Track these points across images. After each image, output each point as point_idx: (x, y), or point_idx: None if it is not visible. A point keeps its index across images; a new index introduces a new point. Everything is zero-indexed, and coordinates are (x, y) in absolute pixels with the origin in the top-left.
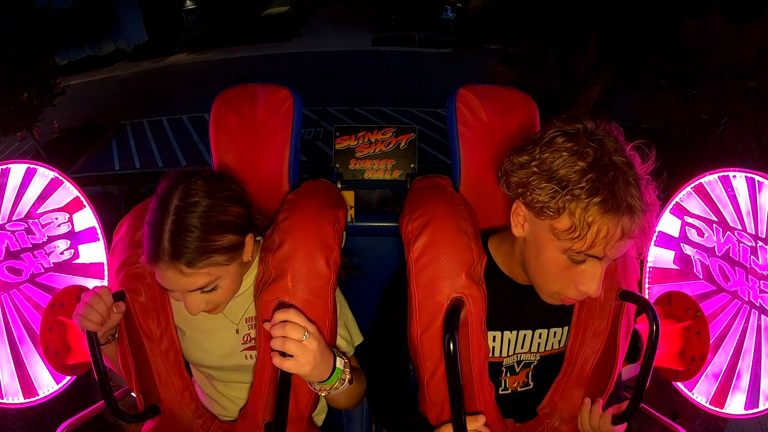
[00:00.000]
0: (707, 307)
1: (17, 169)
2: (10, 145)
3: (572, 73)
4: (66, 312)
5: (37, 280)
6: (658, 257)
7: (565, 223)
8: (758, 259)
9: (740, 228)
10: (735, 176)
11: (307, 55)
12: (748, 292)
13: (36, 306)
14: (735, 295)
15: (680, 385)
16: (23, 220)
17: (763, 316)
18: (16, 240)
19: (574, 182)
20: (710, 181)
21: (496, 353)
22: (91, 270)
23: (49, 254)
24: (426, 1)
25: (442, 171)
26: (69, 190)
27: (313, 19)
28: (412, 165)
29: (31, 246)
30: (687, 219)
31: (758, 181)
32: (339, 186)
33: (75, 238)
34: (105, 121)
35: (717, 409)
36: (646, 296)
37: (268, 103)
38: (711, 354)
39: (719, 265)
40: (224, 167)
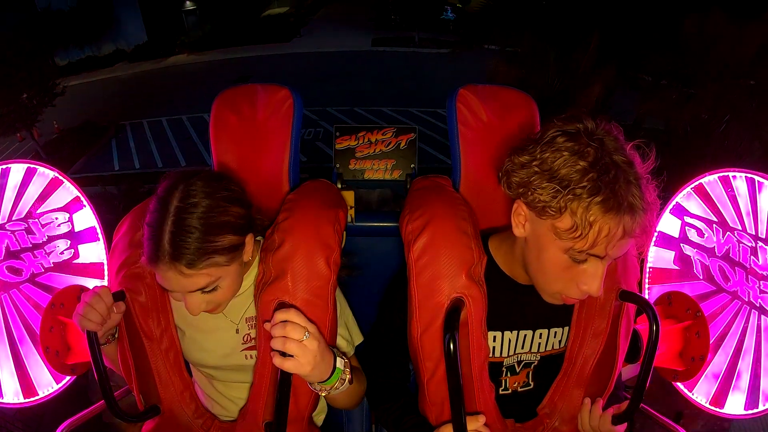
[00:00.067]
0: (707, 308)
1: (17, 169)
2: (9, 145)
3: (573, 71)
4: (66, 312)
5: (37, 279)
6: (658, 257)
7: (566, 223)
8: (758, 260)
9: (740, 228)
10: (735, 176)
11: (307, 55)
12: (748, 293)
13: (36, 306)
14: (735, 295)
15: (680, 385)
16: (23, 219)
17: (763, 317)
18: (16, 240)
19: (575, 182)
20: (710, 181)
21: (496, 353)
22: (91, 270)
23: (49, 254)
24: (426, 1)
25: (442, 171)
26: (69, 190)
27: (313, 19)
28: (412, 165)
29: (31, 246)
30: (687, 219)
31: (758, 182)
32: (339, 186)
33: (75, 237)
34: (105, 121)
35: (717, 409)
36: (646, 296)
37: (268, 103)
38: (711, 354)
39: (719, 266)
40: (224, 167)
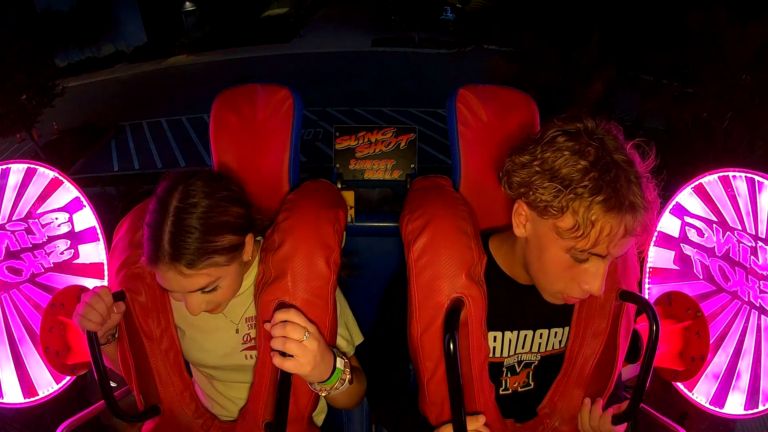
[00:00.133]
0: (707, 308)
1: (17, 169)
2: (9, 146)
3: (574, 69)
4: (66, 312)
5: (37, 280)
6: (658, 257)
7: (568, 222)
8: (758, 260)
9: (740, 228)
10: (735, 176)
11: (307, 56)
12: (748, 293)
13: (36, 306)
14: (735, 295)
15: (680, 385)
16: (23, 220)
17: (763, 316)
18: (16, 240)
19: (576, 181)
20: (710, 181)
21: (497, 353)
22: (91, 270)
23: (49, 254)
24: (425, 1)
25: (442, 171)
26: (69, 190)
27: (312, 20)
28: (412, 165)
29: (31, 246)
30: (687, 219)
31: (758, 182)
32: (339, 186)
33: (75, 238)
34: (104, 122)
35: (717, 409)
36: (646, 296)
37: (268, 103)
38: (711, 354)
39: (719, 266)
40: (224, 167)
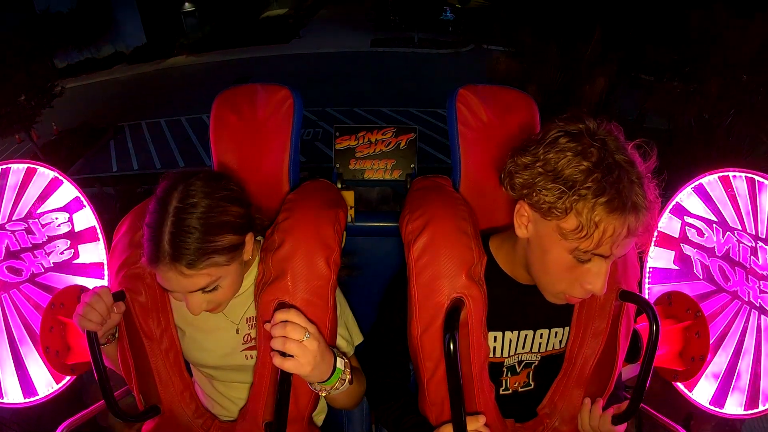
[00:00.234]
0: (707, 308)
1: (17, 169)
2: (8, 147)
3: (576, 66)
4: (66, 312)
5: (37, 280)
6: (658, 257)
7: (571, 223)
8: (758, 260)
9: (740, 228)
10: (735, 176)
11: (306, 56)
12: (748, 293)
13: (36, 306)
14: (735, 295)
15: (680, 385)
16: (23, 219)
17: (763, 317)
18: (16, 240)
19: (580, 182)
20: (710, 181)
21: (497, 353)
22: (91, 270)
23: (49, 254)
24: (425, 2)
25: (442, 171)
26: (69, 190)
27: (312, 20)
28: (412, 165)
29: (31, 246)
30: (687, 219)
31: (758, 182)
32: (339, 186)
33: (75, 238)
34: (103, 123)
35: (717, 409)
36: (646, 296)
37: (268, 103)
38: (711, 354)
39: (719, 266)
40: (224, 167)
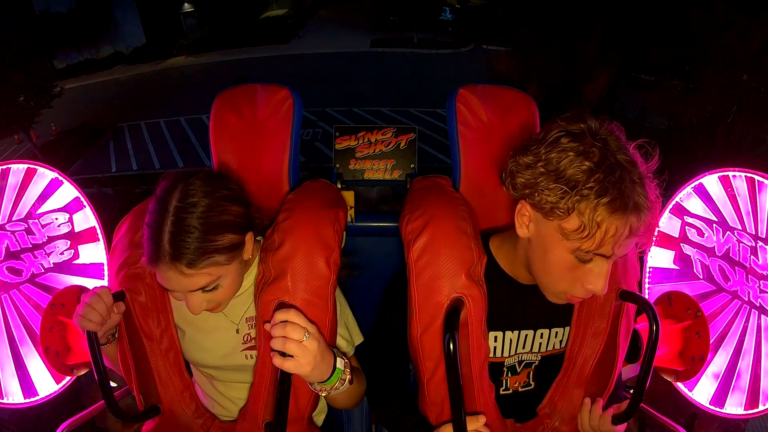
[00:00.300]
0: (707, 307)
1: (17, 170)
2: (7, 147)
3: (577, 64)
4: (66, 312)
5: (37, 280)
6: (658, 257)
7: (574, 223)
8: (758, 259)
9: (740, 228)
10: (735, 176)
11: (306, 57)
12: (748, 292)
13: (36, 306)
14: (735, 295)
15: (680, 385)
16: (23, 220)
17: (763, 316)
18: (16, 240)
19: (582, 182)
20: (710, 181)
21: (497, 353)
22: (91, 270)
23: (49, 254)
24: (424, 2)
25: (442, 171)
26: (69, 191)
27: (311, 21)
28: (412, 165)
29: (31, 246)
30: (687, 219)
31: (758, 181)
32: (339, 186)
33: (75, 238)
34: (102, 123)
35: (717, 409)
36: (646, 296)
37: (268, 103)
38: (711, 354)
39: (719, 265)
40: (224, 167)
